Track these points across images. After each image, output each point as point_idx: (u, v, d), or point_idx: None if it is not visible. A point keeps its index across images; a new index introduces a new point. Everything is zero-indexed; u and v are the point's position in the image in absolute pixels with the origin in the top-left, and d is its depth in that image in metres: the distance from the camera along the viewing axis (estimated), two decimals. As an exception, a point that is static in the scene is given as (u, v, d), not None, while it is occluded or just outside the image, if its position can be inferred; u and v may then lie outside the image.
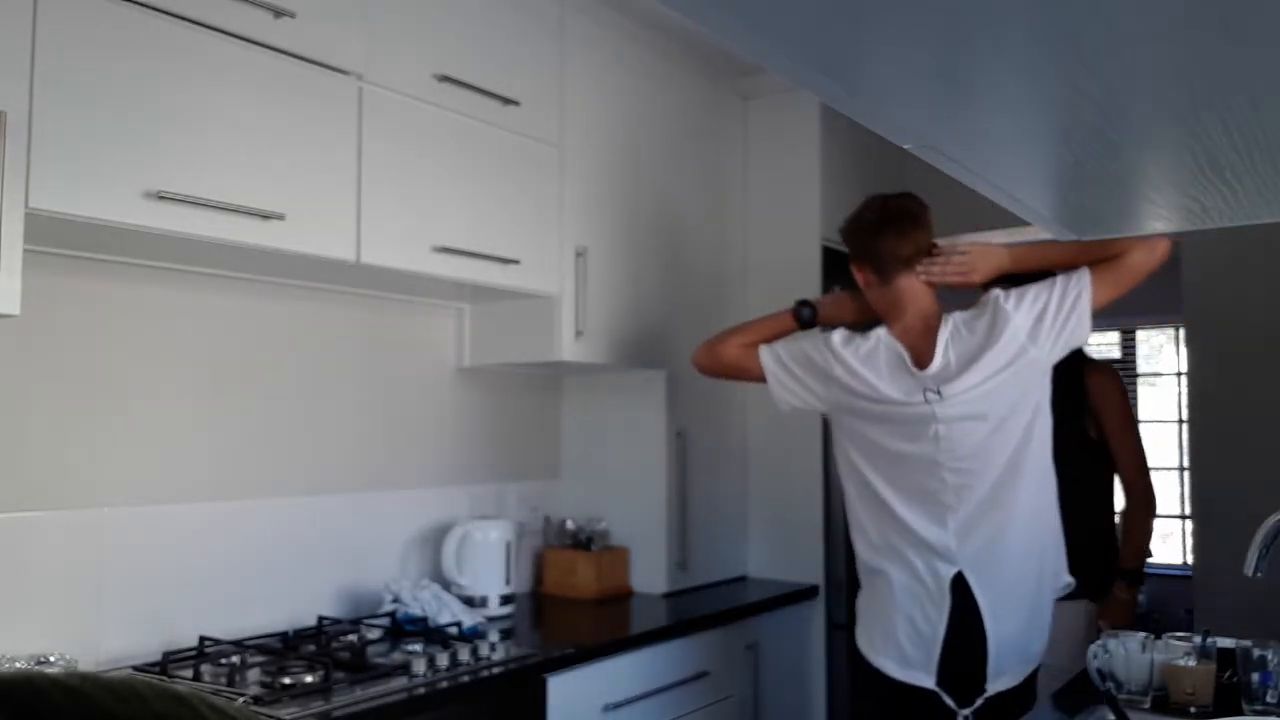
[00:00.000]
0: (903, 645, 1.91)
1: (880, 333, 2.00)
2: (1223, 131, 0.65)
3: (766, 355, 2.13)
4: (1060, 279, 1.95)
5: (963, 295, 2.05)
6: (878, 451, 1.99)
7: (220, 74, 1.74)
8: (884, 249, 2.00)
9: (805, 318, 2.21)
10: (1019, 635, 1.92)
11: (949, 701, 1.88)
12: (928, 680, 1.89)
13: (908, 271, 2.00)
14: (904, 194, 2.06)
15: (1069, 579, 2.01)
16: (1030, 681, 1.96)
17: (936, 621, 1.90)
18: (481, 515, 2.55)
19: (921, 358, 1.95)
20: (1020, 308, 1.92)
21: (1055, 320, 1.92)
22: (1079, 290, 1.93)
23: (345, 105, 1.95)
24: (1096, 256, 1.95)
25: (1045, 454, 1.97)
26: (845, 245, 2.11)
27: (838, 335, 2.03)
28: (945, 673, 1.88)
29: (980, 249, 2.03)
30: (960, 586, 1.90)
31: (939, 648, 1.88)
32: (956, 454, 1.91)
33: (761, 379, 2.13)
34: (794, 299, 2.26)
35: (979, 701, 1.88)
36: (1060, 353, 1.96)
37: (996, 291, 1.97)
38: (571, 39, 2.51)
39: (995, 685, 1.88)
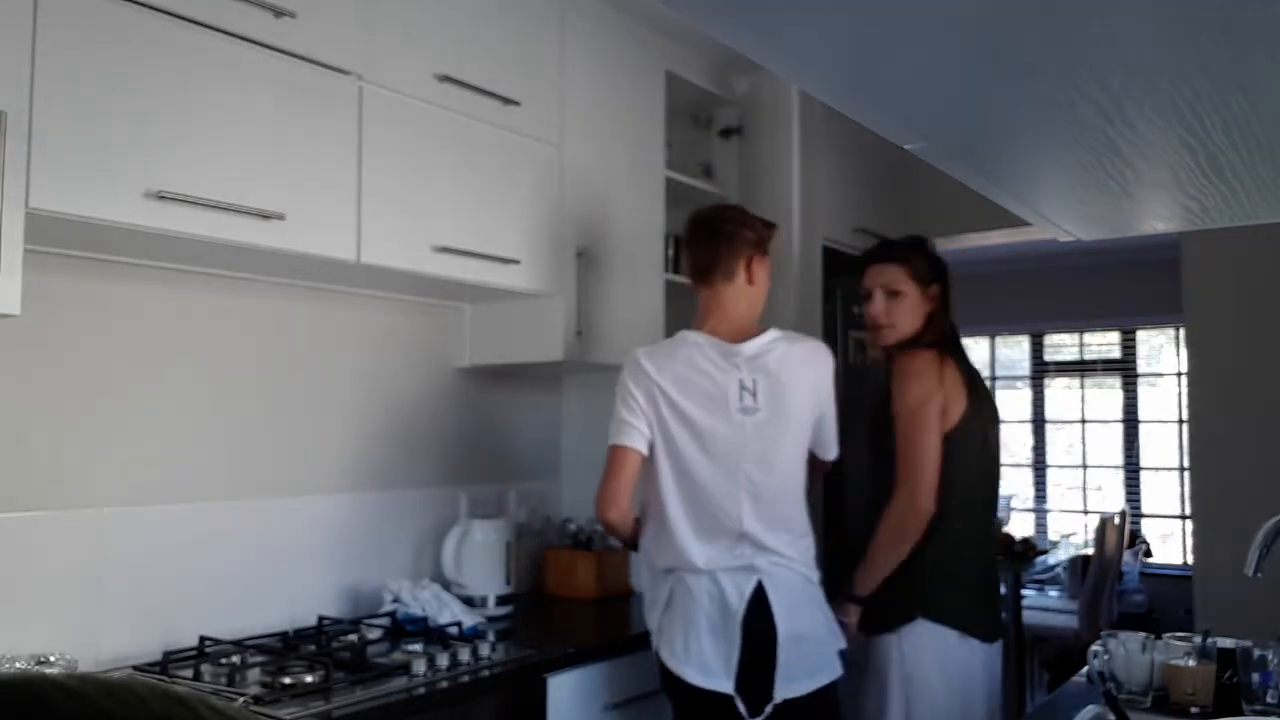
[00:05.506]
0: (704, 651, 1.91)
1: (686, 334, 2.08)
2: (1223, 131, 0.65)
3: (634, 440, 2.05)
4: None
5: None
6: (684, 452, 2.00)
7: (220, 74, 1.74)
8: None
9: None
10: (809, 642, 1.95)
11: (741, 708, 1.89)
12: (727, 685, 1.90)
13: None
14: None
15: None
16: (827, 693, 1.97)
17: (734, 628, 1.91)
18: (481, 515, 2.55)
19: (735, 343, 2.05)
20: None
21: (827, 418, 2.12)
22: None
23: (345, 105, 1.95)
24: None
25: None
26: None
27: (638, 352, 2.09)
28: (742, 678, 1.90)
29: None
30: (757, 592, 1.93)
31: (738, 653, 1.90)
32: (761, 452, 1.98)
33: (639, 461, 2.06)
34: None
35: (768, 709, 1.90)
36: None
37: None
38: (571, 39, 2.51)
39: (784, 692, 1.90)
